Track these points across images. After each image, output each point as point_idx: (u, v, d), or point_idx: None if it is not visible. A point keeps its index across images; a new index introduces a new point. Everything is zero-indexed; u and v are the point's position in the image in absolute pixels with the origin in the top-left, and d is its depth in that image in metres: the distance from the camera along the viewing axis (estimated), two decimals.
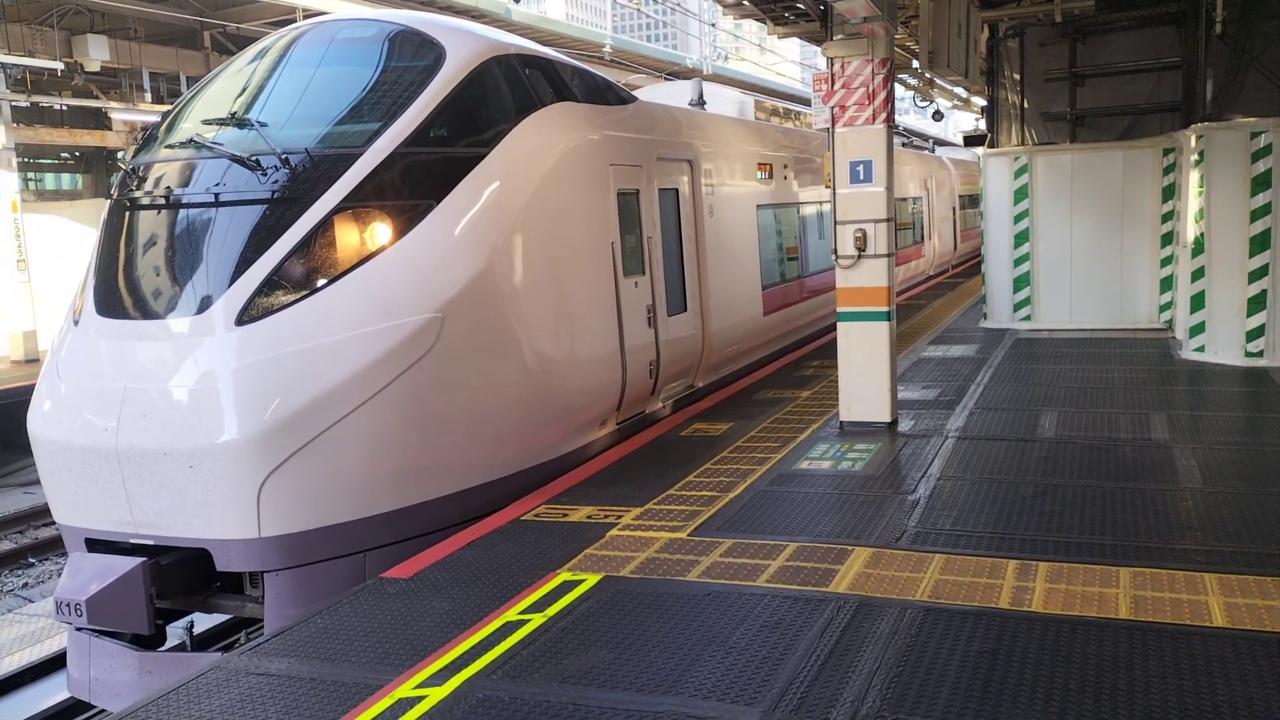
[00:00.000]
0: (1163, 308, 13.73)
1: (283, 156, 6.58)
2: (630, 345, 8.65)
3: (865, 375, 8.82)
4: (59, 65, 18.78)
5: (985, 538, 5.94)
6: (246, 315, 6.13)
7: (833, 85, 8.59)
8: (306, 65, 7.39)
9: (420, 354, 6.39)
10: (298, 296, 6.23)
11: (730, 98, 14.69)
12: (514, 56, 7.87)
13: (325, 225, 6.39)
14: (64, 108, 21.83)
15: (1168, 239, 13.56)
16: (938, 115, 27.83)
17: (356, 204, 6.51)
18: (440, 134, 7.01)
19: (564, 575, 5.68)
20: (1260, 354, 10.78)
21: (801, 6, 11.57)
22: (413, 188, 6.76)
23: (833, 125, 8.66)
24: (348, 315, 6.25)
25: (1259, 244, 10.64)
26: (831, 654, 4.52)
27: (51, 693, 7.71)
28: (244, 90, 7.33)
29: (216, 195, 6.55)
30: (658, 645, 4.71)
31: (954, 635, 4.64)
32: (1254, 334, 10.80)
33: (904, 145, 24.49)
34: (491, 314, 6.92)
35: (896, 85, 11.88)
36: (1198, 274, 11.25)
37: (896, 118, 9.02)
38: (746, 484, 7.28)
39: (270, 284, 6.22)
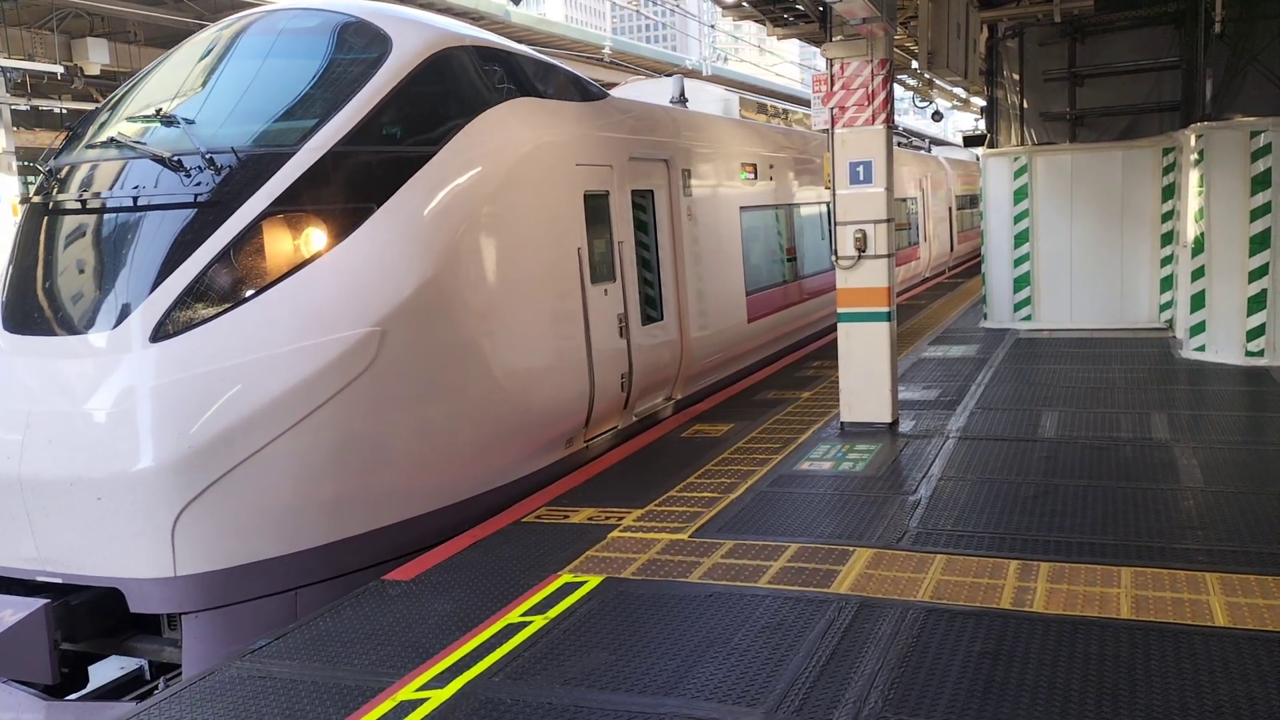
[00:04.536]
0: (1163, 307, 13.73)
1: (207, 156, 6.06)
2: (599, 357, 8.16)
3: (866, 376, 8.82)
4: (59, 69, 18.80)
5: (986, 538, 5.94)
6: (162, 331, 5.62)
7: (832, 86, 8.59)
8: (245, 58, 6.91)
9: (357, 372, 5.90)
10: (219, 310, 5.73)
11: (714, 95, 14.18)
12: (469, 48, 7.38)
13: (251, 231, 5.88)
14: (64, 111, 21.84)
15: (1168, 238, 13.56)
16: (937, 116, 27.88)
17: (287, 208, 6.00)
18: (384, 131, 6.52)
19: (565, 577, 5.68)
20: (1261, 353, 10.78)
21: (800, 8, 11.58)
22: (351, 190, 6.26)
23: (832, 126, 8.67)
24: (275, 330, 5.76)
25: (1259, 243, 10.64)
26: (833, 655, 4.52)
27: None
28: (177, 85, 6.86)
29: (134, 199, 6.06)
30: (659, 647, 4.71)
31: (955, 636, 4.64)
32: (1254, 333, 10.80)
33: (899, 145, 24.35)
34: (439, 327, 6.42)
35: (896, 86, 11.88)
36: (1198, 273, 11.25)
37: (896, 118, 9.03)
38: (747, 485, 7.28)
39: (189, 296, 5.71)
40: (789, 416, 9.48)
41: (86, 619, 5.55)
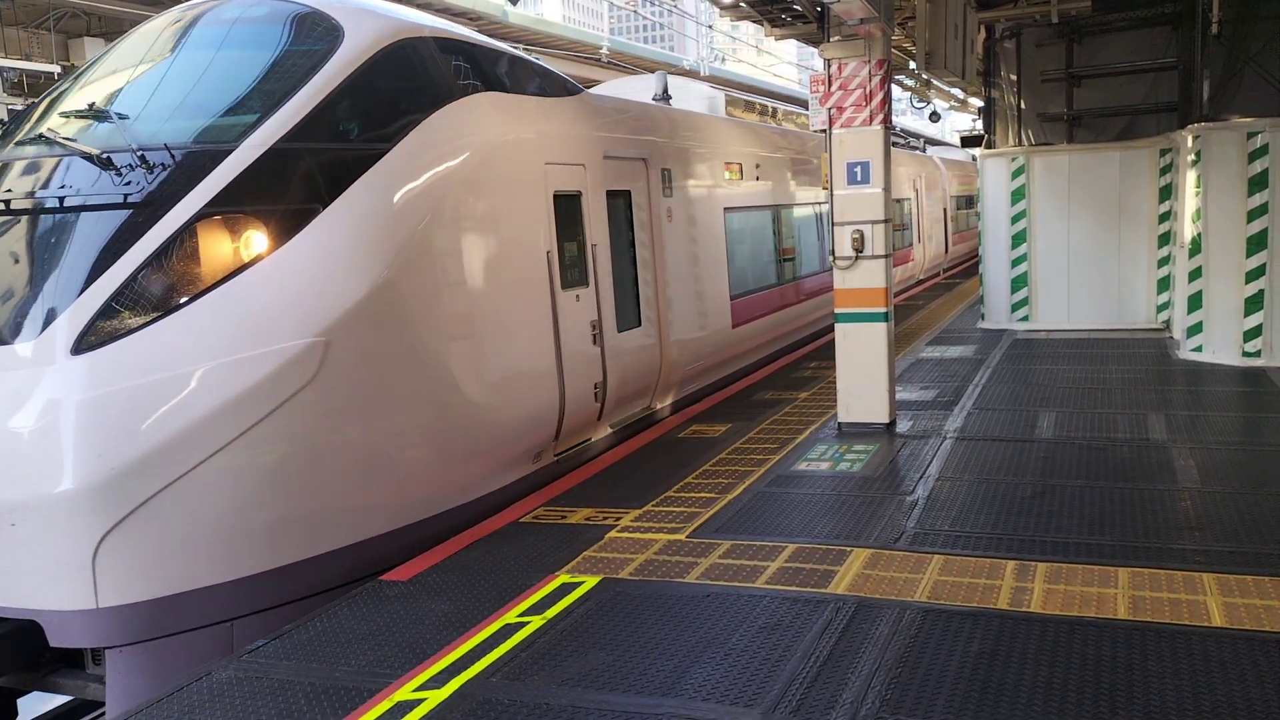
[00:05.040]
0: (1160, 308, 13.75)
1: (139, 154, 5.69)
2: (570, 366, 7.76)
3: (863, 376, 8.82)
4: (56, 69, 18.78)
5: (984, 538, 5.94)
6: (85, 342, 5.18)
7: (830, 87, 8.60)
8: (190, 50, 6.55)
9: (299, 385, 5.50)
10: (148, 319, 5.30)
11: (699, 92, 13.73)
12: (429, 39, 6.97)
13: (184, 234, 5.48)
14: None
15: (1165, 239, 13.58)
16: (935, 116, 27.86)
17: (224, 208, 5.60)
18: (332, 127, 6.14)
19: (563, 577, 5.67)
20: (1258, 354, 10.79)
21: (798, 8, 11.58)
22: (295, 190, 5.87)
23: (830, 126, 8.68)
24: (208, 340, 5.36)
25: (1256, 244, 10.65)
26: (830, 655, 4.52)
27: None
28: (118, 79, 6.52)
29: (60, 199, 5.66)
30: (656, 647, 4.71)
31: (953, 636, 4.64)
32: (1251, 334, 10.81)
33: (893, 145, 24.11)
34: (390, 337, 6.02)
35: (893, 86, 11.88)
36: (1195, 274, 11.26)
37: (894, 119, 9.03)
38: (745, 485, 7.28)
39: (115, 304, 5.28)
40: (786, 417, 9.48)
41: (5, 653, 5.11)
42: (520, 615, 5.17)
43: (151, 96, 6.23)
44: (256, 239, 5.67)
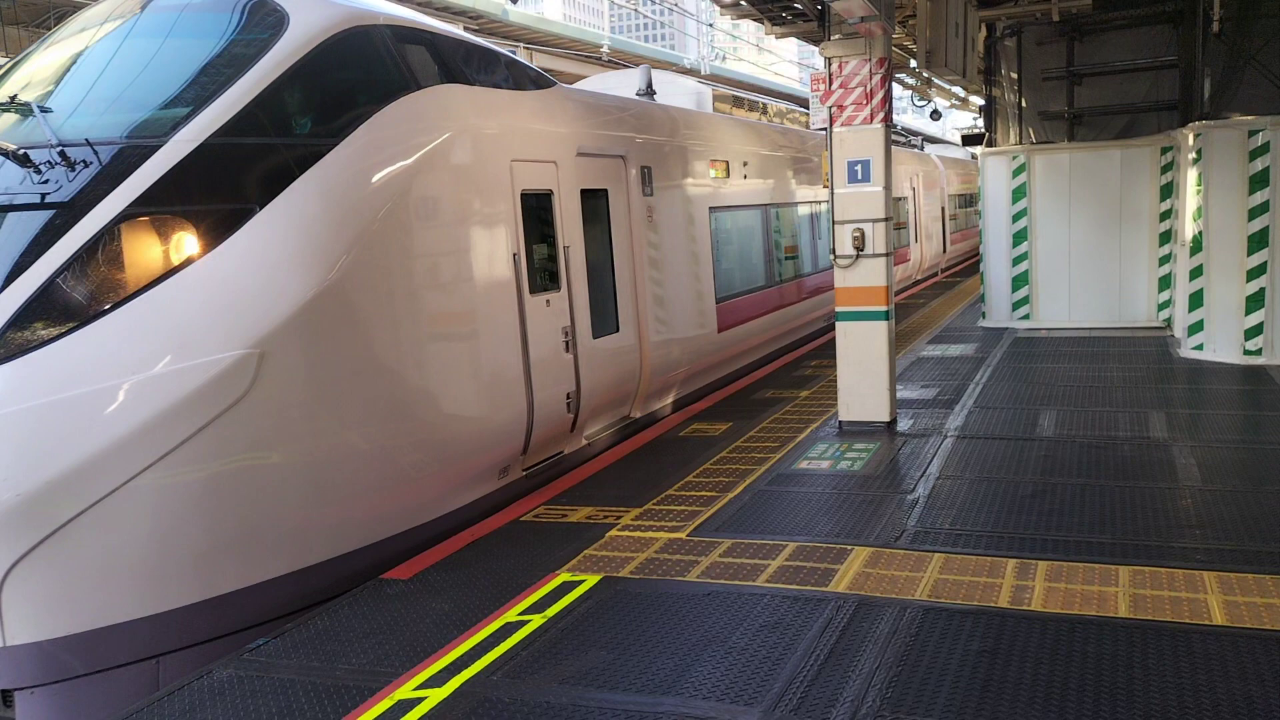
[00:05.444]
0: (1161, 306, 13.74)
1: (60, 149, 5.27)
2: (540, 376, 7.35)
3: (864, 375, 8.82)
4: None
5: (984, 537, 5.94)
6: None
7: (830, 85, 8.60)
8: (125, 38, 6.12)
9: (229, 401, 5.11)
10: (64, 329, 4.88)
11: (685, 88, 13.27)
12: (383, 28, 6.53)
13: (105, 237, 5.05)
14: None
15: (1166, 237, 13.57)
16: (935, 114, 27.86)
17: (150, 209, 5.18)
18: (272, 121, 5.70)
19: (563, 576, 5.67)
20: (1259, 352, 10.78)
21: (799, 6, 11.56)
22: (229, 188, 5.44)
23: (831, 125, 8.68)
24: (130, 353, 4.93)
25: (1257, 242, 10.65)
26: (831, 654, 4.52)
27: None
28: (49, 70, 6.14)
29: None
30: (657, 646, 4.71)
31: (953, 634, 4.64)
32: (1252, 332, 10.81)
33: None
34: (335, 347, 5.62)
35: (894, 85, 11.89)
36: (1196, 272, 11.26)
37: (894, 117, 9.03)
38: (745, 484, 7.28)
39: (28, 313, 4.86)
40: (787, 415, 9.48)
41: None
42: (521, 614, 5.17)
43: (82, 89, 5.83)
44: (185, 242, 5.24)
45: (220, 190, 5.43)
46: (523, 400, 7.19)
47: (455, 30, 7.48)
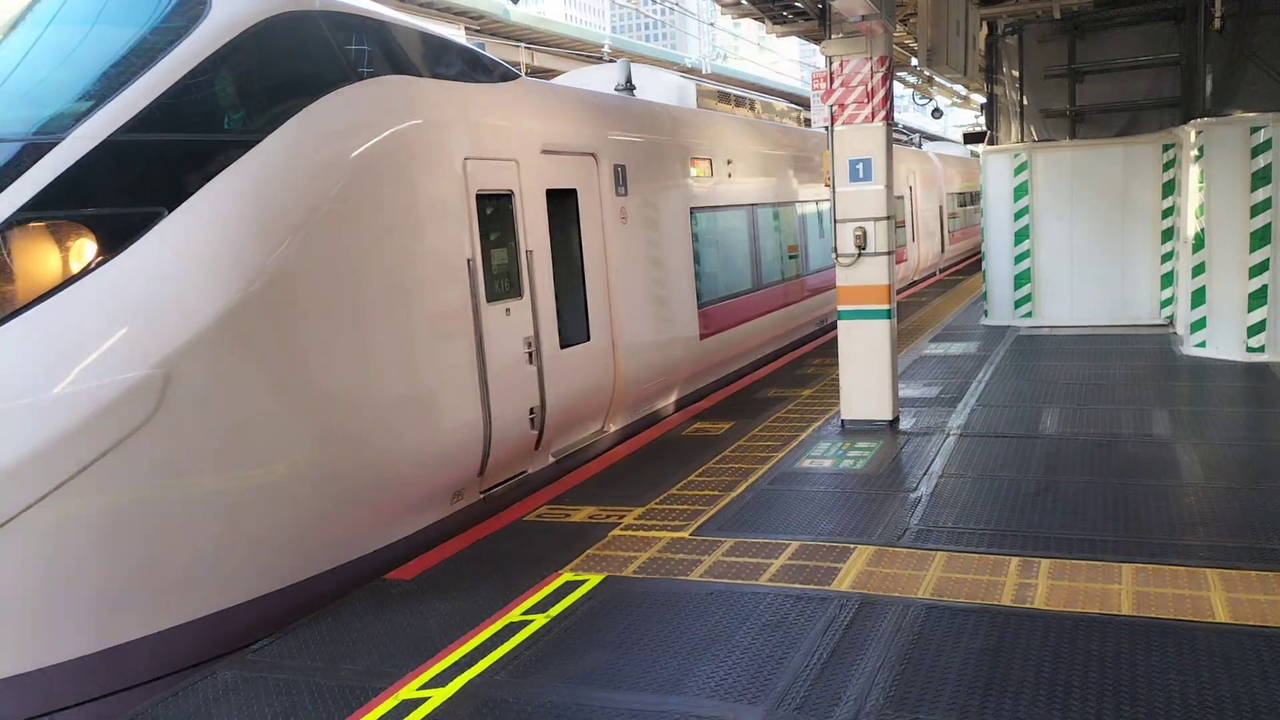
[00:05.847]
0: (1164, 303, 13.74)
1: None
2: (498, 390, 6.80)
3: (866, 373, 8.82)
4: None
5: (987, 535, 5.94)
6: None
7: (832, 84, 8.60)
8: (32, 26, 5.60)
9: (130, 428, 4.60)
10: None
11: (668, 83, 12.65)
12: (317, 14, 5.98)
13: None
14: None
15: (1168, 235, 13.56)
16: (937, 113, 27.82)
17: (43, 212, 4.70)
18: (188, 115, 5.19)
19: (566, 575, 5.68)
20: (1261, 349, 10.78)
21: (800, 5, 11.58)
22: (134, 189, 4.94)
23: (832, 123, 8.68)
24: (16, 374, 4.47)
25: (1259, 239, 10.64)
26: (834, 652, 4.52)
27: None
28: None
29: None
30: (660, 645, 4.71)
31: (956, 633, 4.64)
32: (1255, 329, 10.80)
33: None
34: (255, 365, 5.12)
35: (895, 83, 11.90)
36: (1198, 269, 11.25)
37: (895, 115, 9.03)
38: (748, 483, 7.28)
39: None
40: (789, 414, 9.49)
41: None
42: (524, 613, 5.18)
43: None
44: (84, 249, 4.74)
45: (124, 192, 4.94)
46: (478, 417, 6.66)
47: (406, 18, 6.92)
